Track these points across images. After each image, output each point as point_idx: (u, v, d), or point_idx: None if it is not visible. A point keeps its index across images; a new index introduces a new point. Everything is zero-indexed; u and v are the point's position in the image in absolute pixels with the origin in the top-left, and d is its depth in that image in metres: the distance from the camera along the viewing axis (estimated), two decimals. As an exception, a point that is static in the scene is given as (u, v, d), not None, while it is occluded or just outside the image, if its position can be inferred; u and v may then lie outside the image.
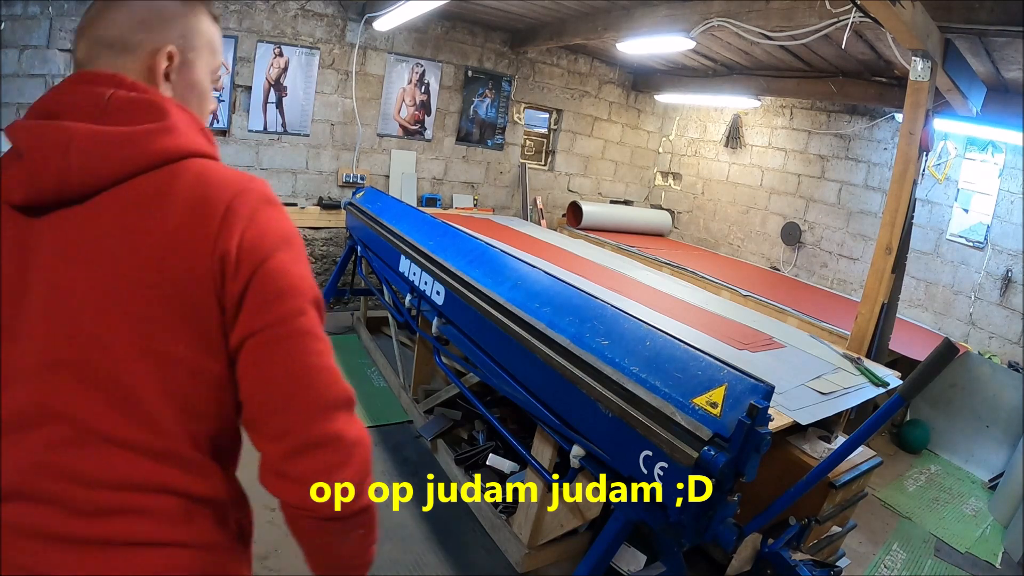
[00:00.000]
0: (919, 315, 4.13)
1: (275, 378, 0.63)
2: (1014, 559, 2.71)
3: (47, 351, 0.62)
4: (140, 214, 0.63)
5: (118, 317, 0.61)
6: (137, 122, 0.66)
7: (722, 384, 1.38)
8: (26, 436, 0.61)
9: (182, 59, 0.75)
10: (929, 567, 2.60)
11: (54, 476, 0.60)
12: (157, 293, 0.62)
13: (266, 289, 0.64)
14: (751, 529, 1.62)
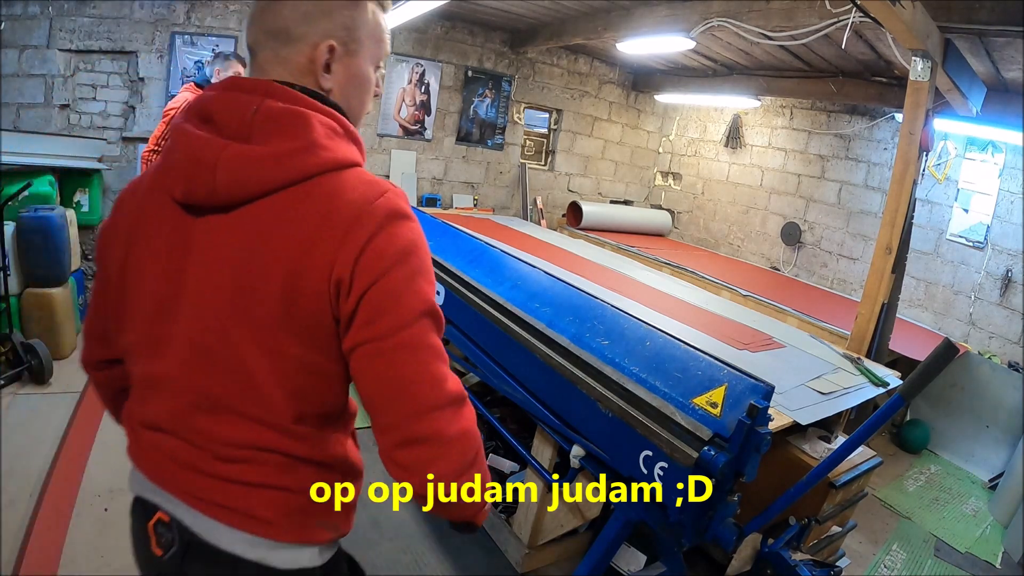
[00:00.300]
0: (919, 315, 4.13)
1: (379, 384, 0.71)
2: (1014, 559, 2.70)
3: (192, 335, 0.74)
4: (271, 229, 0.70)
5: (244, 319, 0.71)
6: (280, 140, 0.70)
7: (722, 384, 1.38)
8: (176, 395, 0.76)
9: (344, 50, 0.78)
10: (929, 567, 2.59)
11: (196, 429, 0.75)
12: (278, 304, 0.70)
13: (373, 307, 0.69)
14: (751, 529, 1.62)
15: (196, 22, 3.91)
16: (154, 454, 0.80)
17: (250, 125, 0.71)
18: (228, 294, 0.71)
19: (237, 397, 0.73)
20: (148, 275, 0.77)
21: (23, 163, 3.21)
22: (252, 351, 0.71)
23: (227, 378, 0.73)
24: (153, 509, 0.80)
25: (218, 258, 0.72)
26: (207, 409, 0.75)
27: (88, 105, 3.79)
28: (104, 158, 3.82)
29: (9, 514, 1.99)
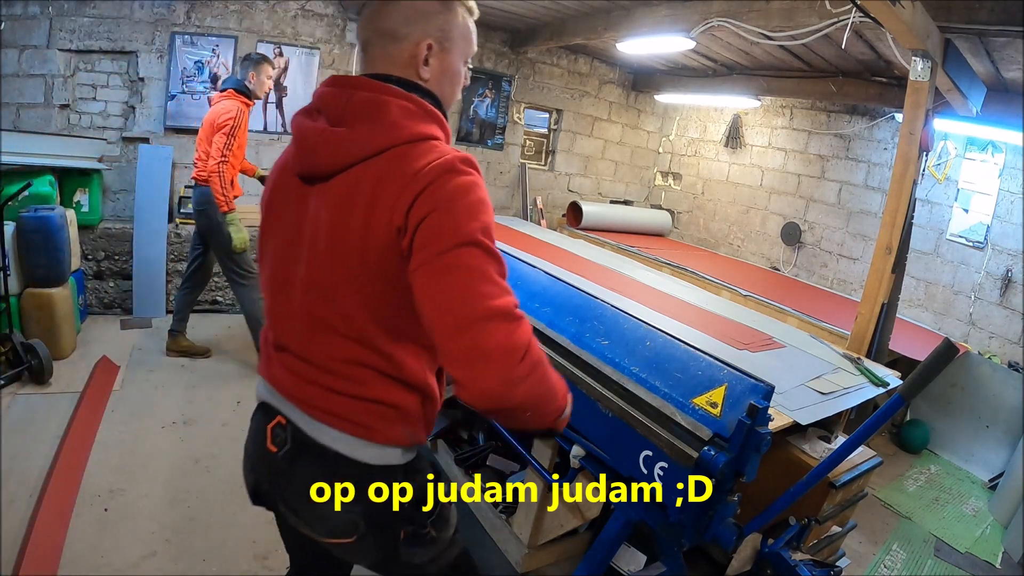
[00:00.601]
0: (919, 315, 4.13)
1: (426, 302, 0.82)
2: (1014, 559, 2.70)
3: (306, 276, 0.93)
4: (352, 191, 0.87)
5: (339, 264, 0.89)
6: (364, 123, 0.88)
7: (722, 384, 1.38)
8: (297, 322, 0.95)
9: (439, 48, 0.95)
10: (929, 567, 2.59)
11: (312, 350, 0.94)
12: (357, 251, 0.86)
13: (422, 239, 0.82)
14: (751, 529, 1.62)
15: (196, 22, 3.91)
16: (280, 370, 0.99)
17: (344, 112, 0.90)
18: (326, 244, 0.89)
19: (341, 325, 0.91)
20: (278, 230, 1.00)
21: (23, 163, 3.22)
22: (346, 289, 0.89)
23: (332, 310, 0.91)
24: (274, 413, 0.99)
25: (320, 216, 0.90)
26: (320, 334, 0.93)
27: (88, 105, 3.79)
28: (104, 158, 3.82)
29: (9, 514, 1.99)
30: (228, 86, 3.08)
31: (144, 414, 2.79)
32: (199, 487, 2.34)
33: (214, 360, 3.46)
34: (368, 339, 0.90)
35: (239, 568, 1.98)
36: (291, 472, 0.97)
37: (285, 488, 0.98)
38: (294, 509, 0.98)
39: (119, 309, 3.93)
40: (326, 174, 0.90)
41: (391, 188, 0.83)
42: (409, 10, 0.93)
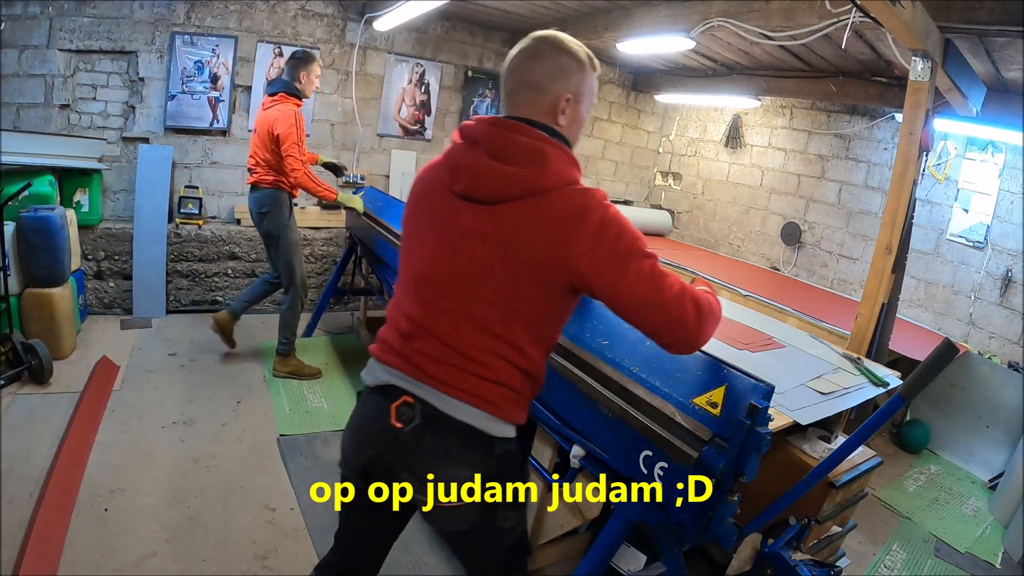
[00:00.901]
0: (919, 315, 4.13)
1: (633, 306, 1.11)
2: (1014, 559, 2.70)
3: (471, 285, 1.10)
4: (523, 221, 1.07)
5: (509, 274, 1.08)
6: (527, 165, 1.07)
7: (722, 384, 1.38)
8: (451, 316, 1.11)
9: (574, 100, 1.16)
10: (929, 567, 2.59)
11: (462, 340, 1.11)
12: (528, 268, 1.07)
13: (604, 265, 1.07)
14: (751, 529, 1.62)
15: (196, 22, 3.91)
16: (418, 355, 1.13)
17: (508, 152, 1.09)
18: (498, 257, 1.07)
19: (498, 326, 1.10)
20: (433, 236, 1.16)
21: (23, 163, 3.22)
22: (510, 294, 1.08)
23: (492, 313, 1.09)
24: (398, 394, 1.13)
25: (488, 233, 1.09)
26: (473, 329, 1.10)
27: (88, 105, 3.79)
28: (104, 158, 3.82)
29: (9, 514, 1.99)
30: (278, 89, 3.11)
31: (144, 414, 2.79)
32: (199, 487, 2.34)
33: (214, 360, 3.47)
34: (513, 338, 1.10)
35: (239, 568, 1.98)
36: (419, 443, 1.12)
37: (413, 458, 1.13)
38: (418, 476, 1.13)
39: (119, 309, 3.93)
40: (493, 201, 1.09)
41: (562, 224, 1.05)
42: (553, 68, 1.14)
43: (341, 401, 3.19)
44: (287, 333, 3.34)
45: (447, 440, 1.11)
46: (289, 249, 3.23)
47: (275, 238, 3.22)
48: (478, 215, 1.10)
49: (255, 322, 4.11)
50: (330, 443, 2.79)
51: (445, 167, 1.15)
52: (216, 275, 4.18)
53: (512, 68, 1.16)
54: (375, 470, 1.17)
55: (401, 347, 1.15)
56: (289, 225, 3.22)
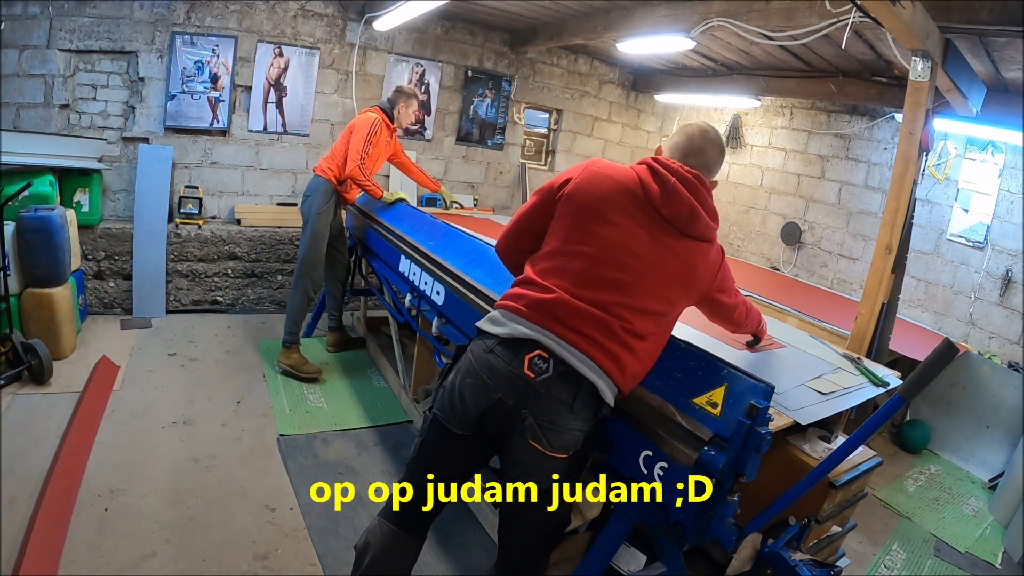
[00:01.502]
0: (919, 315, 4.13)
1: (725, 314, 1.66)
2: (1014, 559, 2.70)
3: (648, 281, 1.37)
4: (695, 254, 1.42)
5: (674, 289, 1.41)
6: (711, 222, 1.43)
7: (722, 384, 1.38)
8: (622, 293, 1.35)
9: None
10: (929, 567, 2.59)
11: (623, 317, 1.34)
12: (684, 285, 1.42)
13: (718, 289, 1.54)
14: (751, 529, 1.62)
15: (196, 22, 3.91)
16: (572, 316, 1.32)
17: (703, 205, 1.41)
18: (675, 270, 1.39)
19: (652, 308, 1.37)
20: (622, 227, 1.37)
21: (23, 163, 3.22)
22: (669, 295, 1.39)
23: (653, 304, 1.37)
24: (533, 347, 1.32)
25: (676, 252, 1.39)
26: (635, 310, 1.35)
27: (88, 105, 3.79)
28: (104, 158, 3.82)
29: (9, 514, 1.99)
30: (377, 104, 3.44)
31: (144, 414, 2.79)
32: (199, 487, 2.34)
33: (214, 360, 3.47)
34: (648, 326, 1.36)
35: (239, 568, 1.98)
36: (548, 393, 1.30)
37: (539, 405, 1.30)
38: (541, 422, 1.30)
39: (119, 309, 3.93)
40: (686, 234, 1.39)
41: (711, 268, 1.46)
42: (719, 158, 1.51)
43: (341, 401, 3.19)
44: (290, 324, 3.36)
45: (573, 394, 1.30)
46: (310, 238, 3.32)
47: (305, 223, 3.36)
48: (673, 237, 1.38)
49: (255, 322, 4.11)
50: (330, 443, 2.79)
51: (646, 185, 1.38)
52: (216, 275, 4.18)
53: (699, 148, 1.48)
54: (496, 414, 1.33)
55: (550, 307, 1.33)
56: (319, 215, 3.32)
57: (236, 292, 4.26)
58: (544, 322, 1.32)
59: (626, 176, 1.41)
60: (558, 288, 1.34)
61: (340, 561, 2.07)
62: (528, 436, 1.31)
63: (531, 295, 1.36)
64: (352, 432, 2.91)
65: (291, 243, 4.35)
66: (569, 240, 1.39)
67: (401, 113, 3.41)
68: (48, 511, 2.01)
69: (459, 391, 1.36)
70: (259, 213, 4.35)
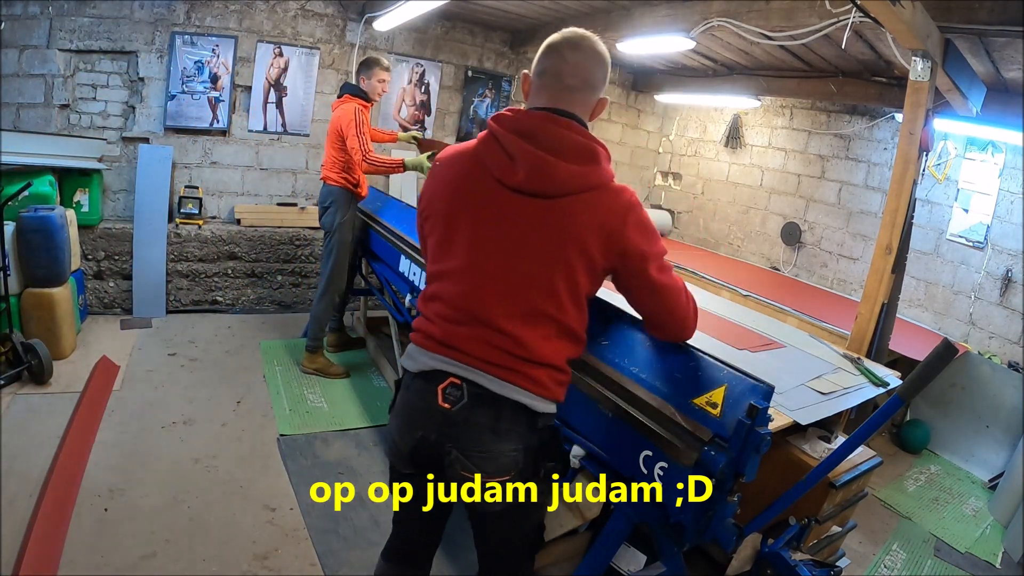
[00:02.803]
0: (919, 315, 4.13)
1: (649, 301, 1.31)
2: (1014, 559, 2.70)
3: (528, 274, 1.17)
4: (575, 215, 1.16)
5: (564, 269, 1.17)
6: (583, 163, 1.16)
7: (722, 384, 1.38)
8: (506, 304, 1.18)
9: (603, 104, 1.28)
10: (929, 567, 2.60)
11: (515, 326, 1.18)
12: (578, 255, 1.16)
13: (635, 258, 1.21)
14: (751, 529, 1.62)
15: (196, 22, 3.91)
16: (467, 341, 1.19)
17: (562, 149, 1.15)
18: (556, 246, 1.16)
19: (555, 311, 1.18)
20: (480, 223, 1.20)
21: (23, 163, 3.22)
22: (563, 282, 1.17)
23: (549, 300, 1.17)
24: (443, 377, 1.20)
25: (543, 224, 1.16)
26: (530, 317, 1.18)
27: (88, 105, 3.79)
28: (104, 158, 3.82)
29: (9, 514, 1.99)
30: (344, 92, 3.29)
31: (144, 414, 2.79)
32: (199, 487, 2.34)
33: (214, 360, 3.47)
34: (567, 322, 1.20)
35: (239, 568, 1.98)
36: (468, 421, 1.18)
37: (461, 435, 1.19)
38: (467, 452, 1.19)
39: (119, 309, 3.93)
40: (552, 195, 1.15)
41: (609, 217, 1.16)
42: (604, 74, 1.25)
43: (341, 401, 3.19)
44: (316, 329, 3.42)
45: (495, 416, 1.18)
46: (336, 248, 3.34)
47: (328, 233, 3.36)
48: (536, 208, 1.16)
49: (255, 322, 4.11)
50: (330, 443, 2.79)
51: (492, 158, 1.18)
52: (216, 275, 4.18)
53: (574, 64, 1.22)
54: (423, 451, 1.23)
55: (445, 334, 1.21)
56: (343, 225, 3.32)
57: (236, 292, 4.26)
58: (444, 351, 1.20)
59: (468, 159, 1.23)
60: (438, 317, 1.23)
61: (340, 561, 2.07)
62: (459, 468, 1.21)
63: (425, 327, 1.26)
64: (352, 432, 2.91)
65: (291, 243, 4.35)
66: (436, 260, 1.27)
67: (365, 84, 3.27)
68: (48, 511, 2.01)
69: (391, 431, 1.30)
70: (259, 213, 4.35)
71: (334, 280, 3.40)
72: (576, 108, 1.22)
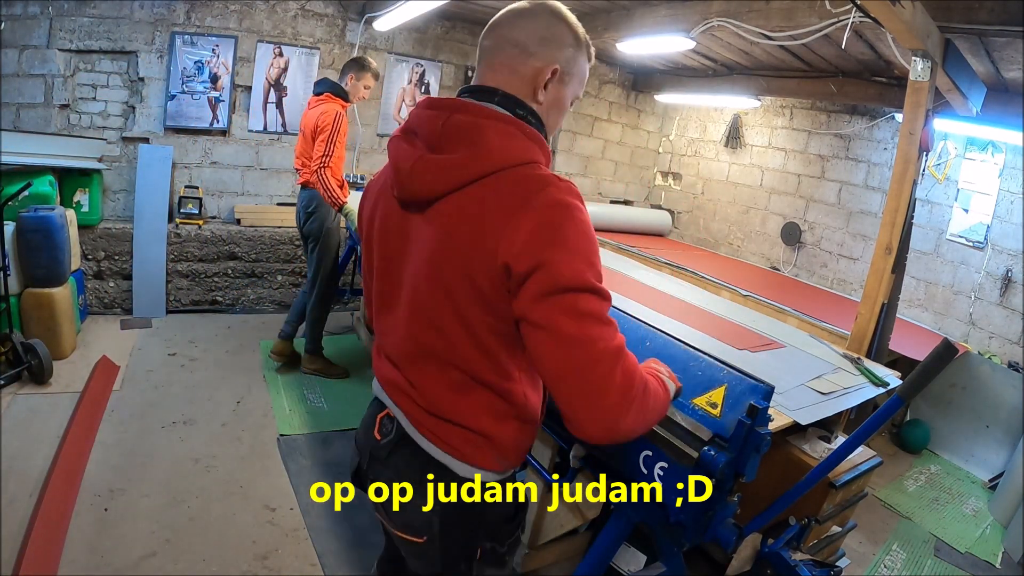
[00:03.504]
0: (919, 315, 4.13)
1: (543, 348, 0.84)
2: (1014, 559, 2.70)
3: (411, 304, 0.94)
4: (453, 221, 0.85)
5: (444, 297, 0.88)
6: (459, 148, 0.85)
7: (722, 384, 1.38)
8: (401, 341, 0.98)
9: (559, 78, 0.94)
10: (929, 567, 2.59)
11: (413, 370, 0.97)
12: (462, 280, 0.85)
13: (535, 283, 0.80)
14: (751, 529, 1.62)
15: (196, 22, 3.91)
16: (387, 376, 1.04)
17: (440, 137, 0.87)
18: (429, 273, 0.89)
19: (444, 351, 0.92)
20: (382, 251, 1.01)
21: (23, 163, 3.22)
22: (450, 317, 0.88)
23: (436, 336, 0.91)
24: (383, 407, 1.06)
25: (421, 245, 0.90)
26: (421, 358, 0.95)
27: (88, 105, 3.79)
28: (104, 158, 3.83)
29: (9, 514, 1.99)
30: (324, 89, 3.09)
31: (144, 414, 2.79)
32: (199, 487, 2.34)
33: (214, 360, 3.47)
34: (469, 366, 0.91)
35: (239, 568, 1.98)
36: (388, 460, 1.04)
37: (381, 473, 1.04)
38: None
39: (119, 309, 3.93)
40: (425, 200, 0.89)
41: (498, 218, 0.81)
42: (545, 31, 0.92)
43: (341, 401, 3.19)
44: (314, 331, 3.39)
45: (412, 463, 1.00)
46: (327, 253, 3.26)
47: (316, 238, 3.23)
48: (415, 220, 0.92)
49: (255, 322, 4.11)
50: (330, 443, 2.79)
51: (389, 169, 0.97)
52: (216, 275, 4.18)
53: (494, 25, 0.95)
54: (359, 478, 1.14)
55: (380, 369, 1.09)
56: (332, 228, 3.23)
57: (236, 292, 4.26)
58: (382, 380, 1.08)
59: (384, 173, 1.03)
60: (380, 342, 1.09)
61: (340, 561, 2.07)
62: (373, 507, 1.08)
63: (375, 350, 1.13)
64: (352, 432, 2.90)
65: (291, 243, 4.35)
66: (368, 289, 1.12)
67: (351, 84, 3.14)
68: (48, 511, 2.01)
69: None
70: (259, 213, 4.35)
71: (328, 284, 3.33)
72: (498, 77, 0.92)
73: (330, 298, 3.39)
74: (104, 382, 2.98)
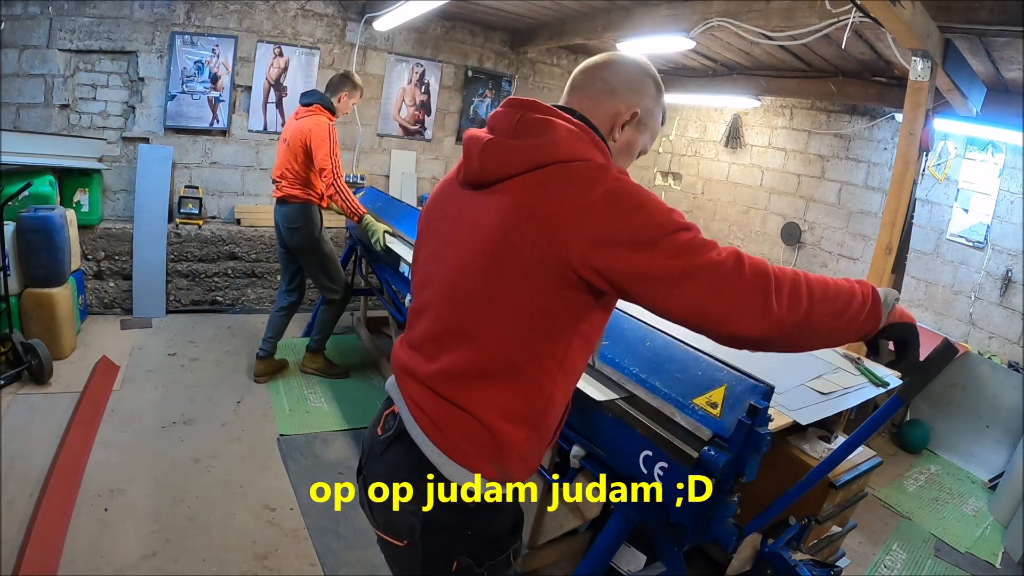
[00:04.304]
0: (919, 315, 4.13)
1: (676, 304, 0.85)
2: (1014, 559, 2.70)
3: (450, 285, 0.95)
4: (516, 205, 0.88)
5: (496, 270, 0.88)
6: (531, 136, 0.91)
7: (722, 384, 1.38)
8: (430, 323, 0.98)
9: (638, 122, 1.02)
10: (929, 567, 2.59)
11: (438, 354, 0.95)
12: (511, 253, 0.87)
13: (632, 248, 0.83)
14: (751, 529, 1.62)
15: (196, 22, 3.91)
16: (404, 363, 1.02)
17: (514, 128, 0.92)
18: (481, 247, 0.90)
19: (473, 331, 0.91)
20: (435, 235, 1.03)
21: (23, 163, 3.22)
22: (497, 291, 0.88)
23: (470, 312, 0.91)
24: (389, 404, 1.06)
25: (479, 223, 0.91)
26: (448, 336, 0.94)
27: (88, 105, 3.79)
28: (104, 158, 3.82)
29: (9, 514, 1.99)
30: (314, 100, 3.00)
31: (144, 414, 2.79)
32: (199, 487, 2.34)
33: (214, 360, 3.47)
34: (500, 350, 0.90)
35: (239, 568, 1.98)
36: (383, 456, 1.02)
37: (375, 470, 1.04)
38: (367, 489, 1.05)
39: (119, 309, 3.93)
40: (491, 181, 0.92)
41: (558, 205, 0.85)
42: (634, 79, 1.02)
43: (341, 401, 3.19)
44: (321, 331, 3.37)
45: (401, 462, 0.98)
46: (323, 261, 3.18)
47: (307, 252, 3.13)
48: (475, 201, 0.94)
49: (255, 322, 4.11)
50: (330, 443, 2.79)
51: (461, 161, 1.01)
52: (216, 275, 4.18)
53: (589, 64, 1.03)
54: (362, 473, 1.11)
55: (397, 357, 1.07)
56: (321, 238, 3.14)
57: (236, 292, 4.26)
58: (396, 376, 1.06)
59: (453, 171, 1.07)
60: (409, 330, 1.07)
61: (340, 561, 2.07)
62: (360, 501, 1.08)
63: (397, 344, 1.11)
64: (352, 432, 2.91)
65: (291, 243, 4.35)
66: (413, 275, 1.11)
67: (341, 104, 3.08)
68: (48, 511, 2.01)
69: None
70: (259, 213, 4.35)
71: (346, 289, 3.28)
72: (581, 106, 0.99)
73: (346, 299, 3.34)
74: (104, 382, 2.98)
